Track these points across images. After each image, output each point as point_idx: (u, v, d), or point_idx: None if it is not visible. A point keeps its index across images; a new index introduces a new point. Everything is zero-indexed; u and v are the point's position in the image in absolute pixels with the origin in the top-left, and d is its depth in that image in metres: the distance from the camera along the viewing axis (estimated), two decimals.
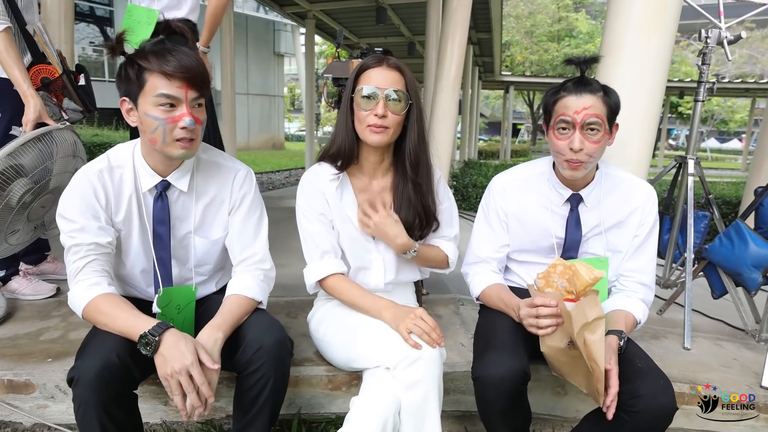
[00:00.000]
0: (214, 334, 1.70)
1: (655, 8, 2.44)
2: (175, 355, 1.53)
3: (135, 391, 1.70)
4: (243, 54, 25.95)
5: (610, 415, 1.65)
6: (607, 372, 1.65)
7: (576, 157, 1.87)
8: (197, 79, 1.67)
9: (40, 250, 3.08)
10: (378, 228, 1.99)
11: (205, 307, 1.97)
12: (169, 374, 1.53)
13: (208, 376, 1.58)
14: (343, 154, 1.97)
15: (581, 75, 1.92)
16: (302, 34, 15.56)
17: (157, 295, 1.85)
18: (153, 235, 1.88)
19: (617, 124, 1.94)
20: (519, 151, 30.80)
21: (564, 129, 1.88)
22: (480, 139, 34.07)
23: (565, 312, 1.69)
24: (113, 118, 20.50)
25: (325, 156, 2.03)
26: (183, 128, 1.67)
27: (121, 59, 1.76)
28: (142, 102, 1.67)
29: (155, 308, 1.84)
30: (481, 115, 39.45)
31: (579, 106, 1.84)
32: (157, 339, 1.56)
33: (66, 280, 1.82)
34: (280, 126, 30.81)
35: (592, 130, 1.84)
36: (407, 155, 1.98)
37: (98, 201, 1.77)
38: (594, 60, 1.96)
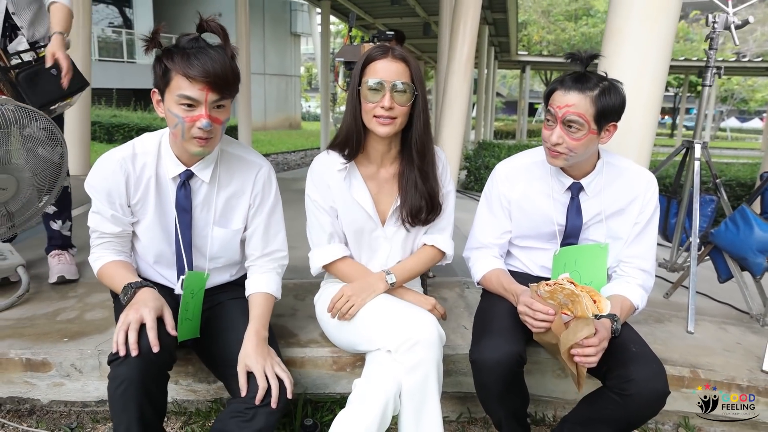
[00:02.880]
0: (262, 332, 1.89)
1: None
2: (139, 302, 1.72)
3: (169, 372, 1.80)
4: (260, 34, 25.92)
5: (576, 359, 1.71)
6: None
7: (555, 148, 1.92)
8: (219, 83, 1.69)
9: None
10: (358, 298, 1.99)
11: (222, 306, 2.08)
12: (125, 314, 1.67)
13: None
14: (351, 143, 2.00)
15: (581, 71, 1.94)
16: (319, 13, 15.49)
17: (182, 277, 1.96)
18: (176, 222, 1.96)
19: (615, 125, 1.95)
20: (536, 131, 30.58)
21: (548, 120, 1.94)
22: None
23: (559, 321, 1.75)
24: (131, 99, 20.64)
25: (334, 144, 2.06)
26: (200, 128, 1.72)
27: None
28: (167, 98, 1.73)
29: (178, 290, 1.98)
30: (498, 94, 39.16)
31: (563, 102, 1.87)
32: (133, 290, 1.77)
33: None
34: (297, 106, 30.86)
35: (571, 127, 1.87)
36: (414, 144, 2.00)
37: (117, 188, 1.88)
38: (594, 57, 1.98)
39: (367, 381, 1.79)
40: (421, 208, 2.06)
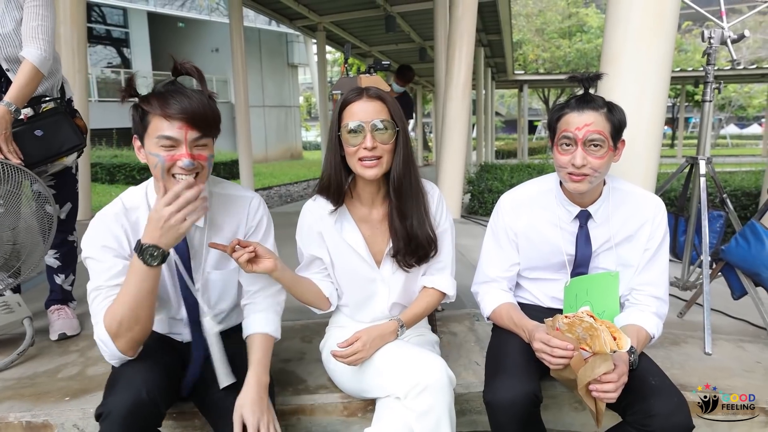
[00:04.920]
0: (263, 379, 1.83)
1: (653, 15, 2.42)
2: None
3: (159, 428, 1.75)
4: (257, 67, 26.21)
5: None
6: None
7: (579, 171, 1.87)
8: (198, 120, 1.65)
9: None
10: (369, 348, 1.93)
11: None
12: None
13: None
14: (333, 191, 1.97)
15: (585, 92, 1.92)
16: (315, 43, 15.68)
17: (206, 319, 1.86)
18: (178, 273, 1.87)
19: (623, 141, 1.94)
20: (537, 149, 30.66)
21: (567, 145, 1.89)
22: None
23: (578, 357, 1.70)
24: (132, 138, 20.82)
25: (321, 190, 2.03)
26: (181, 168, 1.66)
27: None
28: (147, 142, 1.69)
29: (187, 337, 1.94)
30: (497, 114, 39.36)
31: (581, 122, 1.84)
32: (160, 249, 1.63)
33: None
34: (297, 136, 31.09)
35: (595, 146, 1.84)
36: (391, 182, 1.95)
37: (118, 240, 1.78)
38: (597, 77, 1.96)
39: (378, 430, 1.74)
40: (405, 248, 2.00)
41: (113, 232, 1.78)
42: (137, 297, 1.65)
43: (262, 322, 1.96)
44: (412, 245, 2.00)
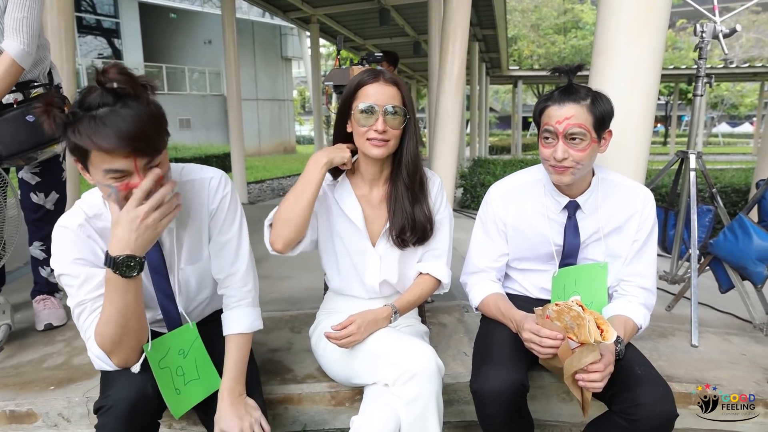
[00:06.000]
0: (236, 388, 1.80)
1: (645, 8, 2.41)
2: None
3: (159, 421, 1.73)
4: (250, 59, 26.10)
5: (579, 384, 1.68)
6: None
7: (561, 164, 1.87)
8: (144, 145, 1.43)
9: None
10: (363, 332, 1.91)
11: (210, 344, 1.90)
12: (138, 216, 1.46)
13: None
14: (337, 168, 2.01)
15: (569, 83, 1.91)
16: (309, 37, 15.62)
17: (143, 354, 1.67)
18: (152, 278, 1.78)
19: (610, 132, 1.93)
20: (531, 145, 30.67)
21: (548, 138, 1.89)
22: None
23: (566, 346, 1.71)
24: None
25: None
26: None
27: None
28: (92, 171, 1.47)
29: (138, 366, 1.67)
30: (492, 109, 39.36)
31: (561, 115, 1.84)
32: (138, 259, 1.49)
33: None
34: (291, 130, 30.98)
35: (574, 139, 1.84)
36: (405, 165, 1.99)
37: (92, 251, 1.65)
38: (579, 68, 1.95)
39: (365, 417, 1.73)
40: (406, 228, 2.02)
41: (83, 243, 1.64)
42: (124, 311, 1.53)
43: (237, 321, 1.89)
44: (412, 226, 2.02)
